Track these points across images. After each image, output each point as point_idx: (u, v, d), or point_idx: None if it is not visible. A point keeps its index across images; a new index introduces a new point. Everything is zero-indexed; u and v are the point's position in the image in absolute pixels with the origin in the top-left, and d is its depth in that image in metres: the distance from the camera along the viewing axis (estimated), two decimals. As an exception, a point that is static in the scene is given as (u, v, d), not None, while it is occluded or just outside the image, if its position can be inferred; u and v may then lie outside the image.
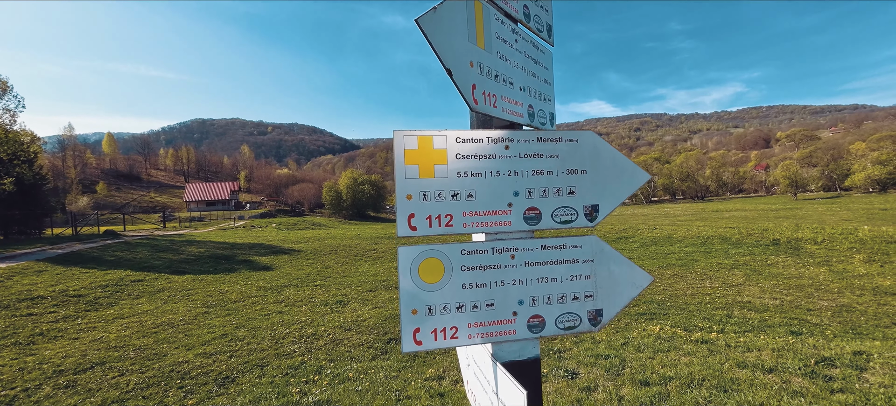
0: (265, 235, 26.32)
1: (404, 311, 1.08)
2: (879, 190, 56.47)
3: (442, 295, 1.10)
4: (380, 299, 9.48)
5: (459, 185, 1.13)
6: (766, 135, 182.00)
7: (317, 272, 13.32)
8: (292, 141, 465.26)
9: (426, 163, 1.11)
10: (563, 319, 1.18)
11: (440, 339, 1.10)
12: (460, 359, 1.50)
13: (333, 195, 60.44)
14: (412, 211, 1.10)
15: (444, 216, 1.11)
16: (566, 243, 1.20)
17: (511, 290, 1.15)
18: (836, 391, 3.60)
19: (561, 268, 1.19)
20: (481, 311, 1.12)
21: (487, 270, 1.14)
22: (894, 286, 9.08)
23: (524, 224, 1.18)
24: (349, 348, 6.28)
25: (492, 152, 1.15)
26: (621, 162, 1.25)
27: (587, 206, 1.21)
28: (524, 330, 1.15)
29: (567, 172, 1.20)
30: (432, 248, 1.11)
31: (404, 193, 1.10)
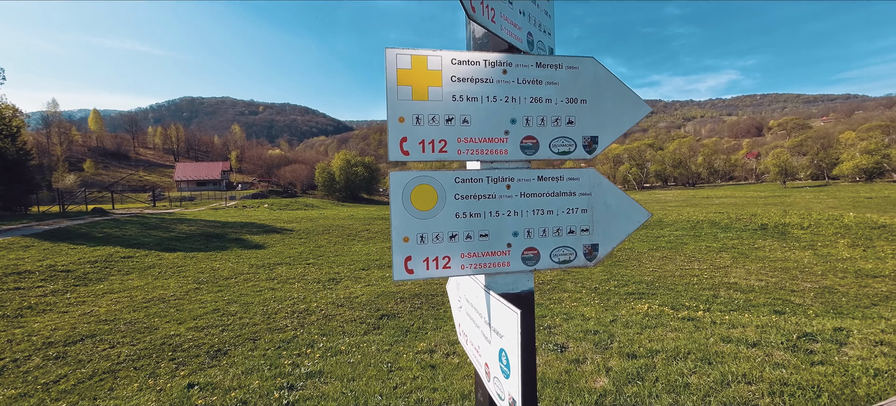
0: (257, 215, 26.15)
1: (396, 238, 1.06)
2: (866, 179, 57.44)
3: (435, 223, 1.07)
4: (372, 277, 9.52)
5: (454, 110, 1.09)
6: (759, 123, 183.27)
7: (309, 251, 13.30)
8: (284, 121, 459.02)
9: (420, 84, 1.06)
10: (559, 253, 1.16)
11: (432, 269, 1.08)
12: (452, 302, 1.50)
13: (326, 177, 60.06)
14: (404, 135, 1.06)
15: (437, 141, 1.08)
16: (563, 175, 1.17)
17: (506, 221, 1.13)
18: (816, 363, 3.70)
19: (557, 200, 1.16)
20: (475, 242, 1.10)
21: (482, 200, 1.11)
22: (876, 269, 9.31)
23: (521, 153, 1.14)
24: (341, 323, 6.31)
25: (489, 76, 1.11)
26: (623, 92, 1.21)
27: (586, 137, 1.18)
28: (518, 262, 1.13)
29: (566, 101, 1.16)
30: (425, 175, 1.07)
31: (396, 116, 1.06)
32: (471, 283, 1.26)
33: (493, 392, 1.12)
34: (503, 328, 1.01)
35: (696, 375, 3.59)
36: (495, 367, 1.09)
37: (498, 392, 1.08)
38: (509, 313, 0.97)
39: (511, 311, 0.96)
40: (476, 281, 1.22)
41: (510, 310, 0.96)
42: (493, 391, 1.12)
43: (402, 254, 1.06)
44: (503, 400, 1.06)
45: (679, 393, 3.29)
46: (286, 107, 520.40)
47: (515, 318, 0.93)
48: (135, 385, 4.35)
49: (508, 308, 0.98)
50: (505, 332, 1.01)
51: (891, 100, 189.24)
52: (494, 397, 1.12)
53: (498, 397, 1.09)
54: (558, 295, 7.93)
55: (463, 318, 1.35)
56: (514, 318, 0.94)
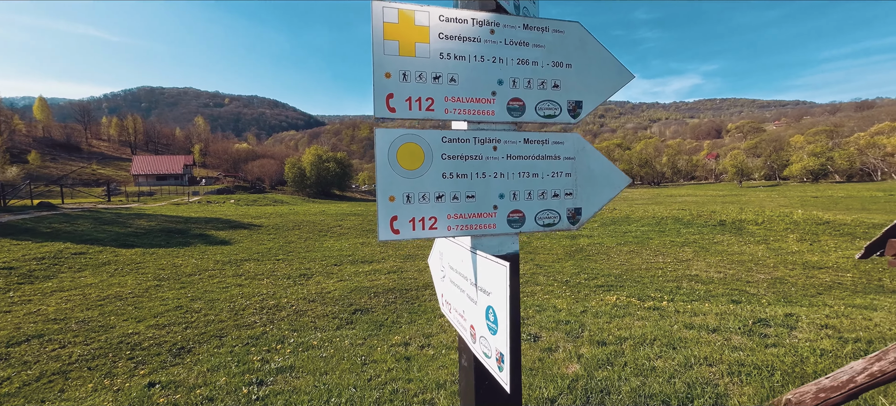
0: (223, 211, 25.15)
1: (381, 197, 1.03)
2: (812, 179, 61.78)
3: (421, 183, 1.06)
4: (345, 273, 9.36)
5: (442, 67, 1.08)
6: (719, 126, 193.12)
7: (279, 247, 12.93)
8: (252, 114, 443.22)
9: (407, 39, 1.05)
10: (543, 216, 1.17)
11: (418, 229, 1.07)
12: (435, 273, 1.49)
13: (296, 172, 58.53)
14: (391, 91, 1.04)
15: (425, 99, 1.06)
16: (549, 138, 1.18)
17: (492, 182, 1.13)
18: (770, 346, 3.94)
19: (542, 163, 1.17)
20: (462, 203, 1.10)
21: (469, 161, 1.10)
22: (821, 261, 10.02)
23: (508, 115, 1.14)
24: (313, 319, 6.17)
25: (477, 35, 1.10)
26: (607, 58, 1.22)
27: (571, 101, 1.19)
28: (504, 224, 1.14)
29: (552, 65, 1.17)
30: (412, 133, 1.06)
31: (382, 71, 1.03)
32: (455, 249, 1.25)
33: (479, 352, 1.11)
34: (491, 285, 1.01)
35: (662, 359, 3.74)
36: (482, 326, 1.09)
37: (484, 351, 1.08)
38: (498, 268, 0.97)
39: (499, 265, 0.96)
40: (461, 245, 1.21)
41: (498, 264, 0.97)
42: (478, 351, 1.12)
43: (387, 213, 1.04)
44: (490, 357, 1.05)
45: (646, 376, 3.42)
46: (254, 99, 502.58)
47: (504, 271, 0.94)
48: (89, 385, 4.09)
49: (497, 263, 0.98)
50: (493, 288, 1.01)
51: (834, 106, 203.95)
52: (480, 357, 1.11)
53: (484, 356, 1.09)
54: (531, 288, 8.07)
55: (447, 287, 1.35)
56: (503, 271, 0.95)
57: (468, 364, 1.22)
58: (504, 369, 0.99)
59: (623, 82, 1.22)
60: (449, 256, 1.32)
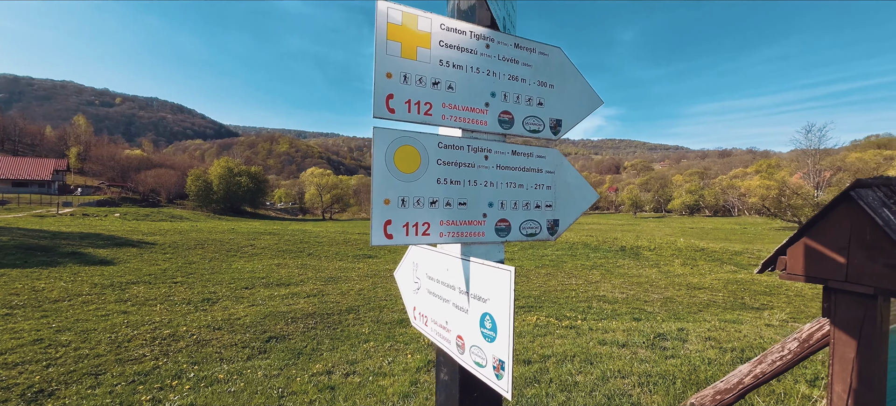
0: (105, 226, 21.60)
1: (376, 200, 0.99)
2: (689, 213, 72.80)
3: (417, 187, 1.04)
4: (258, 297, 8.53)
5: (441, 74, 1.08)
6: (618, 163, 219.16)
7: (177, 268, 11.39)
8: (150, 118, 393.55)
9: (409, 42, 1.05)
10: (527, 226, 1.20)
11: (411, 234, 1.03)
12: (406, 286, 1.41)
13: (201, 185, 52.89)
14: (391, 91, 1.02)
15: (423, 103, 1.06)
16: (533, 152, 1.23)
17: (483, 191, 1.14)
18: (669, 357, 4.42)
19: (527, 175, 1.21)
20: (454, 209, 1.09)
21: (462, 168, 1.11)
22: (700, 282, 11.65)
23: (498, 127, 1.17)
24: (218, 349, 5.47)
25: (474, 48, 1.13)
26: (582, 84, 1.31)
27: (552, 119, 1.25)
28: (492, 233, 1.14)
29: (538, 84, 1.23)
30: (410, 135, 1.04)
31: (384, 70, 1.01)
32: (437, 258, 1.22)
33: (469, 362, 1.08)
34: (490, 291, 0.99)
35: (582, 374, 3.98)
36: (474, 335, 1.05)
37: (476, 360, 1.05)
38: (500, 273, 0.96)
39: (502, 271, 0.95)
40: (446, 253, 1.19)
41: (501, 270, 0.95)
42: (468, 362, 1.09)
43: (381, 217, 1.00)
44: (485, 365, 1.02)
45: (570, 390, 3.59)
46: (154, 102, 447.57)
47: (507, 276, 0.93)
48: None
49: (498, 268, 0.96)
50: (491, 294, 0.99)
51: (704, 152, 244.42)
52: (469, 367, 1.07)
53: (476, 366, 1.05)
54: (457, 310, 8.10)
55: (422, 300, 1.29)
56: (506, 276, 0.93)
57: (450, 377, 1.17)
58: (504, 377, 0.97)
59: (594, 106, 1.32)
60: (428, 266, 1.28)
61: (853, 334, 1.45)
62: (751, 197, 46.84)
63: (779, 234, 35.71)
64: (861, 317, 1.43)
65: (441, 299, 1.19)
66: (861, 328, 1.42)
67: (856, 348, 1.42)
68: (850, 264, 1.44)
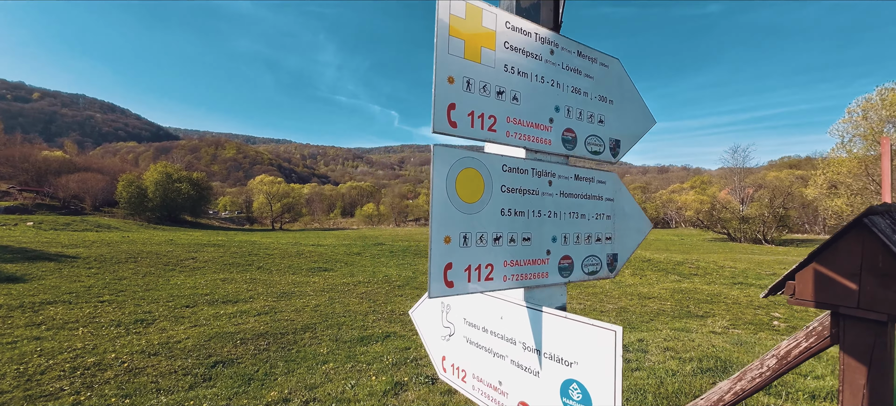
0: (14, 236, 19.04)
1: (436, 237, 0.78)
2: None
3: (480, 220, 0.83)
4: (201, 316, 7.78)
5: (505, 82, 0.90)
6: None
7: (104, 285, 10.18)
8: (75, 117, 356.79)
9: (473, 41, 0.87)
10: (589, 262, 1.02)
11: (473, 280, 0.82)
12: (429, 328, 1.17)
13: (134, 192, 48.44)
14: (453, 100, 0.83)
15: (487, 117, 0.87)
16: (594, 176, 1.06)
17: (546, 223, 0.95)
18: (635, 370, 4.50)
19: (589, 203, 1.03)
20: (518, 247, 0.89)
21: (526, 196, 0.92)
22: (650, 292, 12.26)
23: (562, 147, 1.00)
24: (154, 378, 4.86)
25: (538, 52, 0.97)
26: (639, 100, 1.17)
27: (612, 139, 1.10)
28: (556, 273, 0.96)
29: (598, 98, 1.08)
30: (473, 156, 0.85)
31: (446, 74, 0.82)
32: (483, 302, 1.01)
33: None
34: (579, 352, 0.81)
35: (556, 392, 3.94)
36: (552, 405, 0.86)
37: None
38: (600, 333, 0.78)
39: (605, 330, 0.77)
40: (498, 296, 0.98)
41: (602, 328, 0.77)
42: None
43: (442, 259, 0.79)
44: None
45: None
46: (79, 99, 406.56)
47: (612, 337, 0.75)
48: None
49: (598, 326, 0.78)
50: (582, 356, 0.80)
51: (645, 168, 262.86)
52: None
53: None
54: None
55: (457, 350, 1.07)
56: (610, 337, 0.75)
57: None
58: None
59: (649, 126, 1.20)
60: (467, 310, 1.07)
61: (864, 361, 1.47)
62: (687, 210, 50.84)
63: (711, 244, 38.91)
64: (872, 343, 1.45)
65: (491, 353, 0.99)
66: (872, 354, 1.45)
67: (866, 375, 1.45)
68: (862, 291, 1.46)
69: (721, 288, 12.76)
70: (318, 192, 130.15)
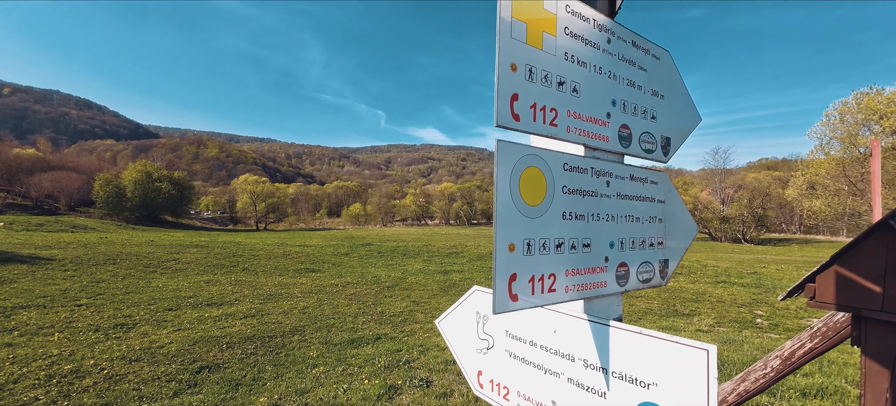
0: (-16, 237, 18.23)
1: (500, 245, 0.70)
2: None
3: (542, 225, 0.76)
4: (185, 319, 7.54)
5: (566, 72, 0.82)
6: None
7: (81, 288, 9.80)
8: (49, 113, 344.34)
9: (535, 25, 0.79)
10: (643, 270, 0.95)
11: (537, 293, 0.75)
12: (460, 340, 1.08)
13: (112, 191, 46.95)
14: (516, 90, 0.75)
15: (548, 110, 0.79)
16: (648, 177, 0.99)
17: (604, 228, 0.87)
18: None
19: (643, 206, 0.95)
20: (578, 254, 0.81)
21: (586, 198, 0.84)
22: (636, 292, 12.46)
23: (618, 144, 0.93)
24: (136, 385, 4.67)
25: (596, 41, 0.89)
26: (687, 96, 1.09)
27: (663, 137, 1.02)
28: (613, 282, 0.88)
29: (651, 93, 1.01)
30: (536, 153, 0.76)
31: (509, 60, 0.74)
32: (531, 313, 0.93)
33: None
34: (659, 373, 0.73)
35: (552, 394, 3.92)
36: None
37: None
38: (686, 352, 0.69)
39: (692, 350, 0.68)
40: (550, 309, 0.90)
41: (691, 347, 0.69)
42: None
43: (507, 269, 0.71)
44: None
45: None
46: (54, 95, 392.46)
47: (704, 357, 0.67)
48: None
49: (684, 345, 0.70)
50: (663, 378, 0.72)
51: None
52: None
53: None
54: (410, 327, 7.81)
55: (497, 364, 0.99)
56: (703, 358, 0.67)
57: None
58: None
59: (695, 124, 1.13)
60: (509, 321, 0.99)
61: (886, 364, 1.47)
62: (670, 210, 51.93)
63: (694, 243, 39.80)
64: (895, 346, 1.45)
65: (541, 369, 0.91)
66: (895, 358, 1.44)
67: (889, 379, 1.45)
68: (886, 293, 1.46)
69: (705, 286, 13.01)
70: (303, 191, 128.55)
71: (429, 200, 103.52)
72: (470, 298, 1.11)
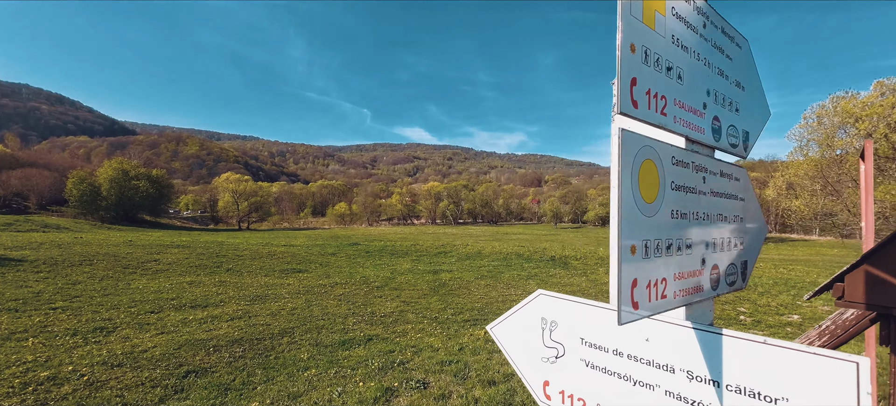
0: (-52, 237, 17.33)
1: (624, 247, 0.64)
2: (602, 223, 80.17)
3: (656, 224, 0.69)
4: (169, 322, 7.29)
5: (673, 57, 0.76)
6: (540, 176, 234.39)
7: (56, 290, 9.38)
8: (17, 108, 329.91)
9: (649, 3, 0.73)
10: (729, 272, 0.89)
11: (653, 300, 0.69)
12: (520, 348, 0.98)
13: (86, 190, 45.30)
14: (635, 74, 0.68)
15: (659, 97, 0.73)
16: (733, 173, 0.92)
17: (701, 227, 0.82)
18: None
19: (729, 204, 0.89)
20: (683, 256, 0.76)
21: (688, 195, 0.77)
22: (624, 290, 12.63)
23: (711, 137, 0.87)
24: (119, 392, 4.47)
25: (696, 24, 0.82)
26: (761, 88, 1.02)
27: (744, 130, 0.96)
28: (708, 286, 0.82)
29: (735, 84, 0.94)
30: (651, 145, 0.70)
31: (629, 39, 0.67)
32: (612, 319, 0.86)
33: None
34: (793, 389, 0.65)
35: (551, 394, 3.90)
36: None
37: None
38: (827, 365, 0.62)
39: (836, 362, 0.62)
40: (662, 317, 0.82)
41: (833, 359, 0.62)
42: None
43: (629, 274, 0.64)
44: None
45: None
46: (23, 89, 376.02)
47: (851, 371, 0.60)
48: None
49: (825, 357, 0.63)
50: (799, 395, 0.65)
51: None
52: None
53: None
54: (401, 327, 7.72)
55: (569, 374, 0.91)
56: (848, 372, 0.60)
57: None
58: None
59: (766, 119, 1.08)
60: (584, 327, 0.90)
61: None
62: (652, 210, 53.06)
63: (675, 243, 40.70)
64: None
65: (629, 381, 0.83)
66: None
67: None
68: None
69: (690, 285, 13.27)
70: (287, 190, 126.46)
71: (415, 200, 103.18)
72: (533, 303, 1.03)
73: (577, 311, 0.91)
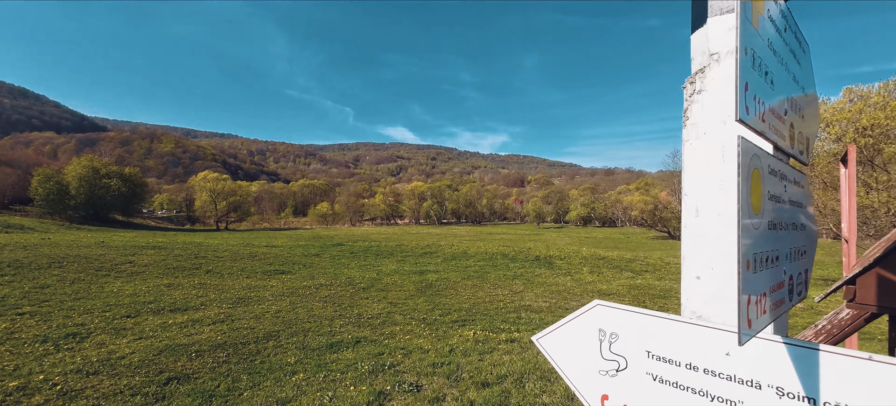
0: None
1: (743, 261, 0.60)
2: (583, 223, 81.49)
3: (760, 236, 0.67)
4: (147, 327, 7.00)
5: (769, 61, 0.73)
6: (522, 177, 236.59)
7: (22, 294, 8.91)
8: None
9: (756, 4, 0.70)
10: (798, 281, 0.87)
11: (758, 316, 0.66)
12: (573, 360, 0.93)
13: (53, 188, 43.29)
14: (748, 79, 0.66)
15: (761, 102, 0.71)
16: (800, 179, 0.90)
17: (784, 237, 0.80)
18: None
19: (799, 212, 0.88)
20: (773, 269, 0.74)
21: (777, 204, 0.75)
22: (609, 288, 12.81)
23: (789, 144, 0.86)
24: (96, 400, 4.27)
25: (782, 27, 0.80)
26: (816, 96, 1.00)
27: (806, 137, 0.95)
28: (787, 298, 0.81)
29: (802, 89, 0.93)
30: (757, 154, 0.67)
31: (744, 42, 0.65)
32: (685, 332, 0.82)
33: None
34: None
35: (546, 394, 3.90)
36: None
37: None
38: None
39: None
40: (713, 327, 0.79)
41: None
42: None
43: (746, 289, 0.62)
44: None
45: (539, 415, 3.48)
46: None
47: None
48: None
49: None
50: None
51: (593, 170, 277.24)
52: None
53: None
54: (389, 328, 7.64)
55: (642, 390, 0.86)
56: None
57: None
58: None
59: (819, 126, 1.08)
60: (652, 340, 0.86)
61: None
62: (632, 210, 54.11)
63: (655, 242, 41.70)
64: None
65: (707, 397, 0.79)
66: None
67: None
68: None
69: (671, 283, 13.59)
70: (267, 190, 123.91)
71: (398, 199, 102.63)
72: (588, 314, 0.99)
73: (642, 322, 0.88)
